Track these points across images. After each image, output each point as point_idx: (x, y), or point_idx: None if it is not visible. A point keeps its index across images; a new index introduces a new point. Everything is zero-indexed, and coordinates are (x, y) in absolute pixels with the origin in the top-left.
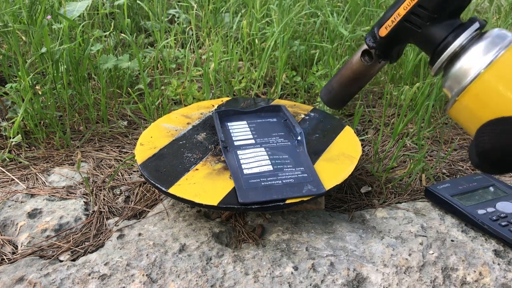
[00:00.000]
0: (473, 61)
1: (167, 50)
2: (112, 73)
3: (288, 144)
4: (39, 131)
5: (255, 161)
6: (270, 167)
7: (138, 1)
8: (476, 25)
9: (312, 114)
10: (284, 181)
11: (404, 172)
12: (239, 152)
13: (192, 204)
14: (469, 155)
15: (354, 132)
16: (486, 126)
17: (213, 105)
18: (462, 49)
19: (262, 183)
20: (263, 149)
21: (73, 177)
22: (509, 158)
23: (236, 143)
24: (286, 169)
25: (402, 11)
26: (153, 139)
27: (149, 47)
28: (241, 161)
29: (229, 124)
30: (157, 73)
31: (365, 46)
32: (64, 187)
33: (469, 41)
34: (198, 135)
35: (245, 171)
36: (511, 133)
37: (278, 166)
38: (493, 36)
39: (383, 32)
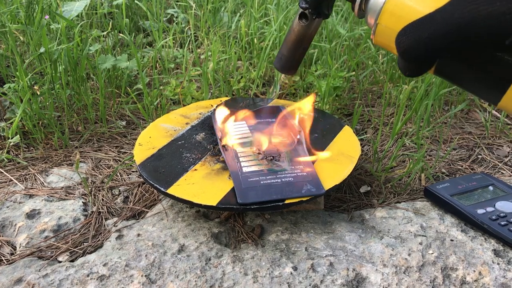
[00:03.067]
0: None
1: (166, 50)
2: (111, 73)
3: (287, 143)
4: (38, 132)
5: (254, 159)
6: (269, 165)
7: (136, 1)
8: None
9: (311, 114)
10: (283, 179)
11: (404, 172)
12: (238, 150)
13: (191, 204)
14: (398, 65)
15: (353, 131)
16: (401, 31)
17: (212, 105)
18: None
19: (261, 182)
20: None
21: (71, 178)
22: (424, 48)
23: (235, 142)
24: (285, 168)
25: None
26: (151, 139)
27: (147, 47)
28: (240, 159)
29: (228, 124)
30: (156, 73)
31: (300, 10)
32: (62, 187)
33: None
34: (197, 135)
35: (244, 169)
36: (420, 29)
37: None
38: None
39: None
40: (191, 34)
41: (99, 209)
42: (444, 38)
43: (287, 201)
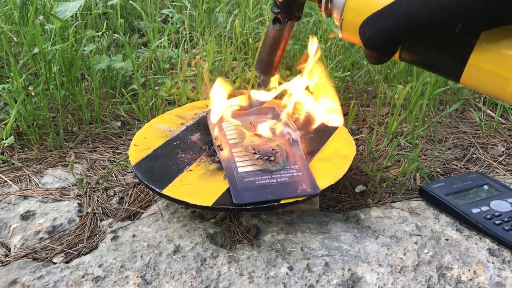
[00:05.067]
0: None
1: (161, 50)
2: (106, 74)
3: (283, 142)
4: (32, 132)
5: (249, 159)
6: (265, 165)
7: (131, 1)
8: None
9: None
10: (278, 180)
11: (399, 171)
12: (233, 150)
13: (186, 205)
14: (365, 56)
15: (348, 131)
16: (363, 23)
17: (207, 105)
18: None
19: (257, 182)
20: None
21: (66, 179)
22: (385, 38)
23: (230, 142)
24: (281, 168)
25: None
26: (147, 139)
27: (142, 47)
28: (236, 159)
29: (223, 124)
30: (151, 74)
31: (273, 15)
32: (57, 188)
33: None
34: (192, 136)
35: (240, 169)
36: (380, 19)
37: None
38: None
39: None
40: (186, 34)
41: (94, 210)
42: (403, 27)
43: (282, 201)
